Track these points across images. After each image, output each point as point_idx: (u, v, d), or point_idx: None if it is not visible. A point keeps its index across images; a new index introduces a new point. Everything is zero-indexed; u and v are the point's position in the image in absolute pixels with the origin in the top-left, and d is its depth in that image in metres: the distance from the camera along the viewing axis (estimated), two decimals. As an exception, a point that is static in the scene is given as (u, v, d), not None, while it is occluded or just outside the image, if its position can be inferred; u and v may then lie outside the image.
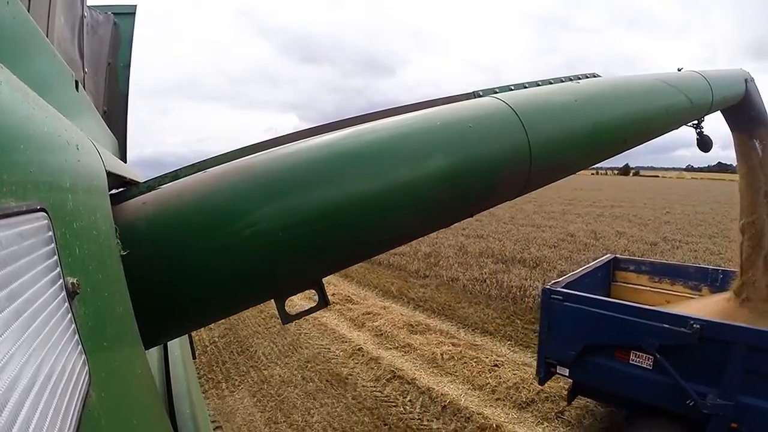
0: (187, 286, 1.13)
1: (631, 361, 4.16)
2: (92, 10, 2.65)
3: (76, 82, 1.26)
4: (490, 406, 5.75)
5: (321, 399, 6.10)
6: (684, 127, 3.26)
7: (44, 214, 0.45)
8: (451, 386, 6.24)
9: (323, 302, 1.45)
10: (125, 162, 2.46)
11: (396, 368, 6.76)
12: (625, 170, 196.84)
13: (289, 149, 1.37)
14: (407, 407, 5.80)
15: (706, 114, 3.23)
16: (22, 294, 0.38)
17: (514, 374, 6.43)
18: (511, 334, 8.10)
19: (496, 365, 6.76)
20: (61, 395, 0.40)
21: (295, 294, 1.42)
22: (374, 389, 6.29)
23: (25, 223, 0.40)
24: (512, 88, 1.95)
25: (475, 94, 1.86)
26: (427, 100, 1.80)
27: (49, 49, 0.99)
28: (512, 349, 7.58)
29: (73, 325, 0.48)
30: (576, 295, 4.58)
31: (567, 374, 4.72)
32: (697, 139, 3.83)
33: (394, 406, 5.85)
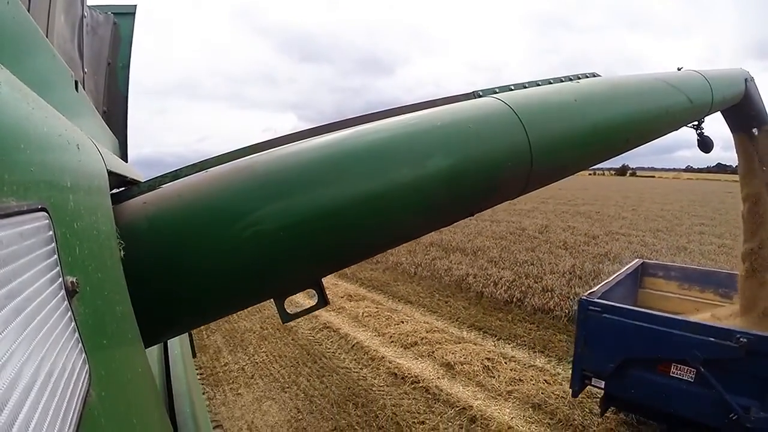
0: (187, 286, 1.14)
1: (672, 374, 4.03)
2: (92, 10, 2.65)
3: (76, 82, 1.26)
4: (385, 346, 8.24)
5: (270, 339, 8.67)
6: (685, 128, 3.23)
7: (45, 213, 0.45)
8: (363, 334, 8.76)
9: (323, 302, 1.45)
10: (126, 162, 2.48)
11: (328, 322, 9.30)
12: (622, 171, 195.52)
13: (290, 149, 1.37)
14: (328, 346, 8.34)
15: (707, 114, 3.19)
16: (22, 292, 0.38)
17: (412, 327, 8.89)
18: (426, 304, 10.56)
19: (402, 321, 9.24)
20: (61, 394, 0.40)
21: (295, 293, 1.43)
22: (309, 335, 8.84)
23: (26, 223, 0.40)
24: (512, 88, 1.96)
25: (475, 94, 1.87)
26: (428, 100, 1.81)
27: (49, 49, 0.99)
28: (422, 312, 10.05)
29: (73, 324, 0.48)
30: (618, 307, 4.40)
31: (602, 386, 4.54)
32: (698, 140, 3.80)
33: (319, 345, 8.38)
